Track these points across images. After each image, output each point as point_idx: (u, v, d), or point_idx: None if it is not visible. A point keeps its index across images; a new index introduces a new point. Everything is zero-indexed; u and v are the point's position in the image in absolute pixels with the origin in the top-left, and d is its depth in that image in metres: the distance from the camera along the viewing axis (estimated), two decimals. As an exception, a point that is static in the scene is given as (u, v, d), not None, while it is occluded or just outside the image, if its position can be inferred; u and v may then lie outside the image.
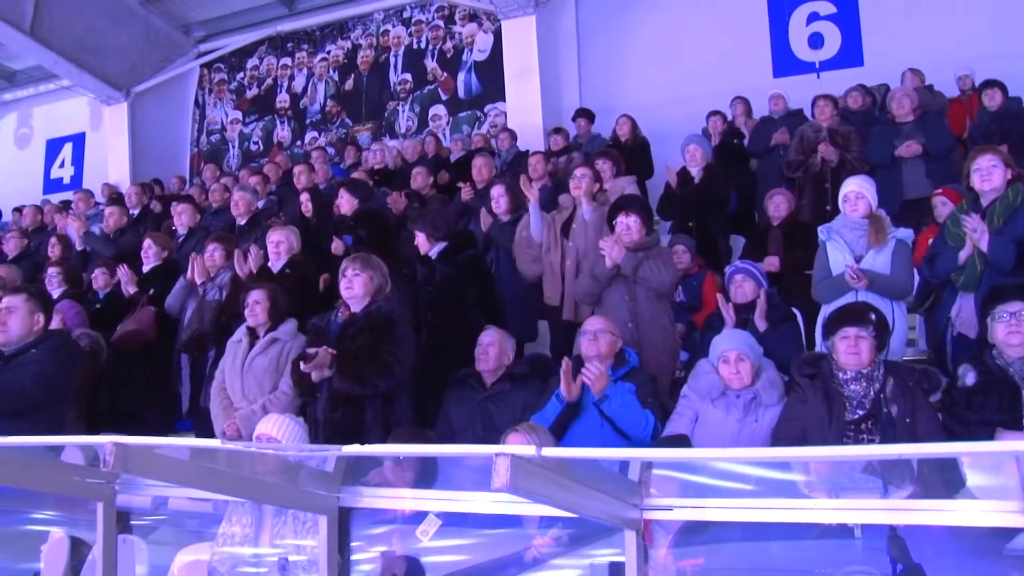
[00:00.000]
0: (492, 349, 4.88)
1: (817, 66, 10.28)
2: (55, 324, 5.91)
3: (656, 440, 4.20)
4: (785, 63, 10.79)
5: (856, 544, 2.89)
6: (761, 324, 5.02)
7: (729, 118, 9.41)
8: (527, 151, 9.30)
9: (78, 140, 15.85)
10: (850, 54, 10.55)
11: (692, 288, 6.38)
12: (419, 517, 3.33)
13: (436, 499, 3.21)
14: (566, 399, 4.32)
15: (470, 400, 4.78)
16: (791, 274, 6.05)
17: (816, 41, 10.68)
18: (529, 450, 1.88)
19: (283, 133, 14.19)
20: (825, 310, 4.97)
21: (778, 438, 4.04)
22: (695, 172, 7.38)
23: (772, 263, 6.23)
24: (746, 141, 8.89)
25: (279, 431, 3.95)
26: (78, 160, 15.82)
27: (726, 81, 10.13)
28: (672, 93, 10.77)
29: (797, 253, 6.08)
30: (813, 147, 7.27)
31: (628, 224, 5.29)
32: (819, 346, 4.83)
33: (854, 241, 5.10)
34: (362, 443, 3.00)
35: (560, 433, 4.24)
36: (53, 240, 8.98)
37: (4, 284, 6.48)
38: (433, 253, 5.83)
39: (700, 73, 10.74)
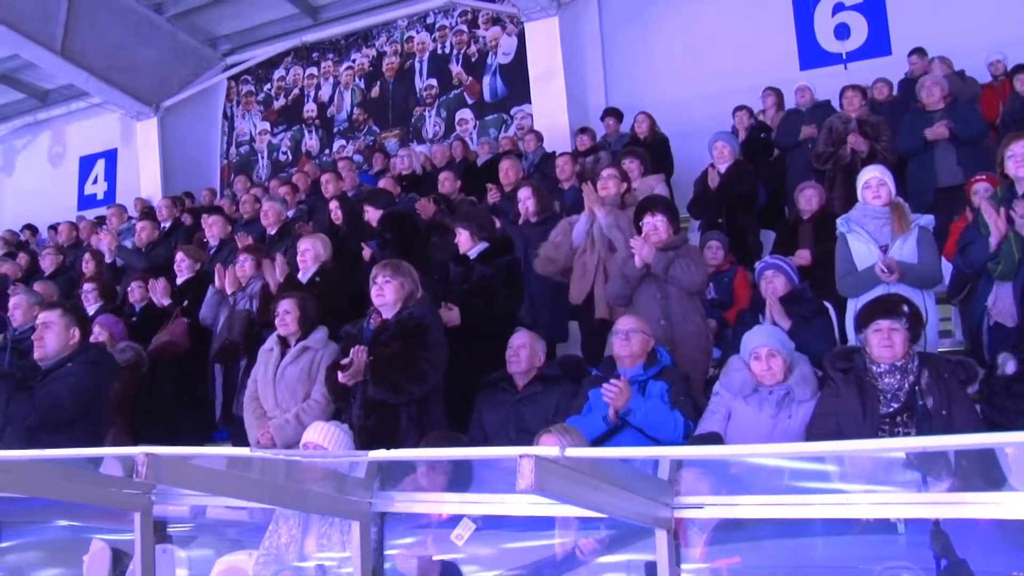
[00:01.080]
0: (523, 351, 4.88)
1: (844, 57, 10.18)
2: (101, 338, 6.02)
3: (691, 439, 4.17)
4: (811, 55, 10.68)
5: (899, 539, 2.86)
6: (783, 322, 4.96)
7: (755, 112, 9.33)
8: (554, 152, 9.29)
9: (110, 156, 16.02)
10: (877, 43, 10.40)
11: (723, 284, 6.35)
12: (454, 521, 3.34)
13: (470, 502, 3.21)
14: (612, 423, 4.29)
15: (502, 403, 4.78)
16: (822, 267, 5.98)
17: (842, 32, 10.55)
18: (553, 451, 1.88)
19: (311, 142, 14.28)
20: (855, 303, 4.91)
21: (812, 433, 4.01)
22: (723, 168, 7.33)
23: (803, 257, 6.17)
24: (773, 135, 8.82)
25: (326, 439, 3.97)
26: (111, 176, 16.01)
27: (752, 75, 10.03)
28: (698, 89, 10.71)
29: (828, 246, 6.00)
30: (842, 138, 7.18)
31: (655, 224, 5.27)
32: (851, 339, 4.78)
33: (877, 231, 4.99)
34: (397, 448, 3.01)
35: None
36: (87, 256, 9.12)
37: (41, 300, 6.58)
38: (473, 253, 5.84)
39: (726, 68, 10.65)
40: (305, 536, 3.64)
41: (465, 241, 5.90)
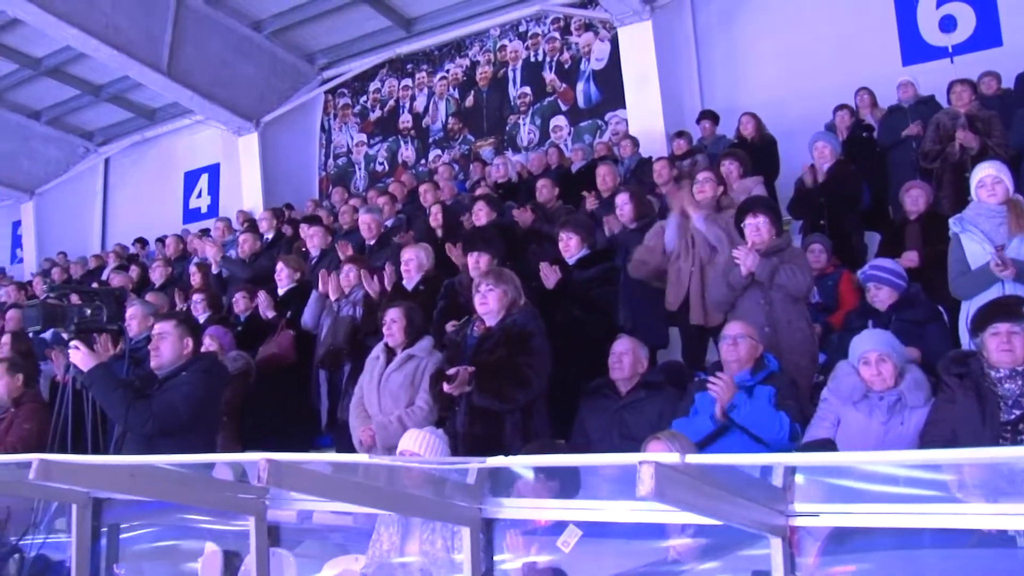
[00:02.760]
0: (626, 357, 4.87)
1: (950, 50, 9.83)
2: (212, 348, 6.21)
3: (802, 444, 4.10)
4: (914, 50, 10.33)
5: (1018, 554, 2.76)
6: None
7: (856, 110, 9.11)
8: (650, 158, 9.24)
9: (213, 171, 16.49)
10: (987, 34, 10.00)
11: (828, 288, 6.21)
12: (558, 527, 3.34)
13: (576, 508, 3.21)
14: (720, 421, 4.27)
15: (605, 409, 4.77)
16: (932, 269, 5.81)
17: (948, 24, 10.18)
18: (673, 457, 1.87)
19: (407, 152, 14.46)
20: (969, 305, 4.75)
21: (927, 441, 3.89)
22: (824, 169, 7.18)
23: (911, 259, 6.00)
24: (875, 133, 8.60)
25: (421, 446, 4.02)
26: (213, 189, 16.49)
27: (852, 72, 9.75)
28: (796, 88, 10.48)
29: (938, 247, 5.82)
30: (950, 135, 6.96)
31: (757, 225, 5.19)
32: (965, 344, 4.63)
33: (992, 230, 4.82)
34: (503, 455, 3.03)
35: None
36: (193, 268, 9.42)
37: (156, 311, 6.82)
38: (572, 259, 5.85)
39: (824, 66, 10.40)
40: (406, 543, 3.68)
41: (575, 246, 5.91)
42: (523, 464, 3.12)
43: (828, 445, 3.95)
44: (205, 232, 12.59)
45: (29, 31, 13.40)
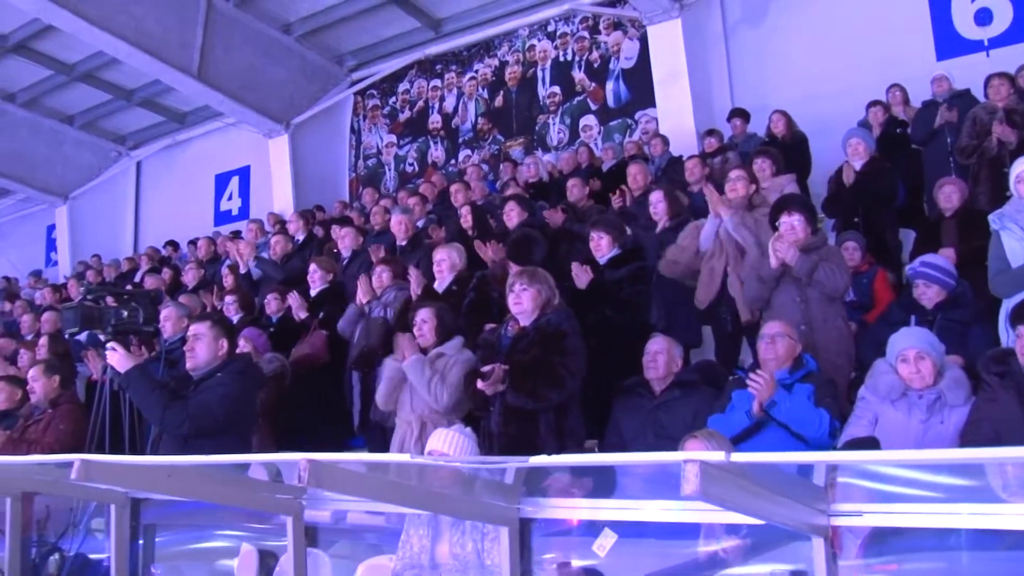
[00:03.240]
0: (661, 356, 4.84)
1: (986, 44, 9.70)
2: (246, 349, 6.25)
3: (843, 443, 4.05)
4: (949, 44, 10.16)
5: (1064, 555, 2.71)
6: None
7: (890, 107, 9.01)
8: (680, 156, 9.20)
9: (243, 173, 16.61)
10: (1024, 27, 9.87)
11: (863, 286, 6.15)
12: (593, 528, 3.32)
13: (613, 508, 3.20)
14: (756, 416, 4.24)
15: (640, 409, 4.75)
16: (970, 266, 5.73)
17: (984, 17, 10.01)
18: (718, 456, 1.85)
19: (437, 153, 14.49)
20: (1008, 304, 4.67)
21: (968, 440, 3.83)
22: (858, 166, 7.11)
23: (948, 256, 5.92)
24: (909, 129, 8.49)
25: (450, 446, 4.02)
26: (244, 192, 16.60)
27: (885, 68, 9.64)
28: (827, 85, 10.32)
29: (975, 243, 5.74)
30: (987, 130, 6.86)
31: (792, 223, 5.15)
32: (1004, 341, 4.56)
33: (1033, 227, 4.73)
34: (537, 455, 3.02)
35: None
36: (225, 270, 9.49)
37: (190, 313, 6.87)
38: (604, 259, 5.84)
39: (856, 62, 10.26)
40: (436, 545, 3.68)
41: (607, 246, 5.89)
42: (565, 464, 3.10)
43: (871, 443, 3.90)
44: (236, 234, 12.67)
45: (63, 37, 13.54)
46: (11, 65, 15.28)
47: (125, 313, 5.14)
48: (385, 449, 5.48)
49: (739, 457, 1.92)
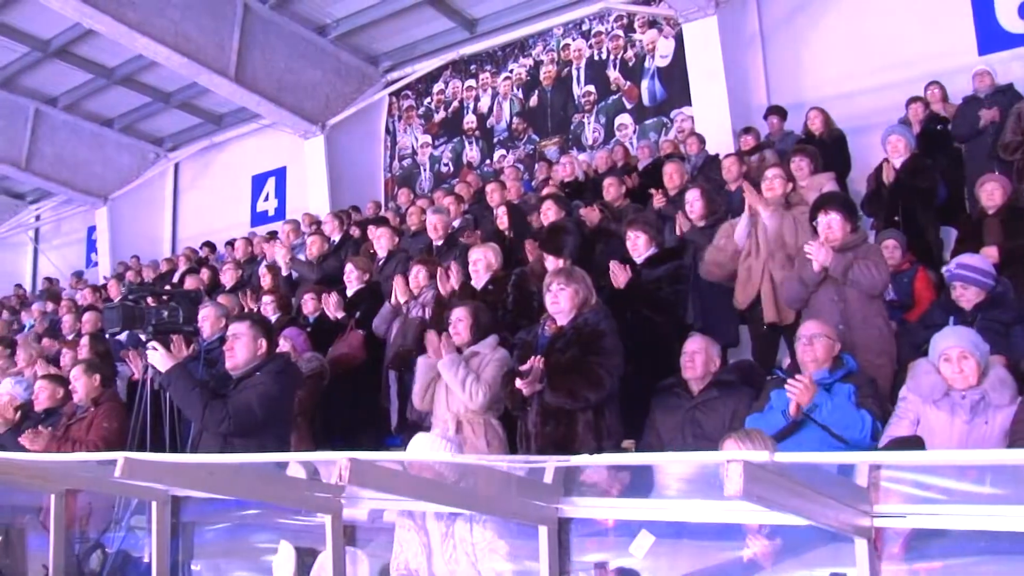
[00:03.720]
0: (699, 356, 4.81)
1: (1031, 36, 9.51)
2: (285, 349, 6.30)
3: (886, 443, 4.00)
4: (992, 38, 9.94)
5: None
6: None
7: (929, 104, 8.89)
8: (717, 155, 9.14)
9: (280, 174, 16.75)
10: (1070, 20, 9.63)
11: (903, 285, 6.07)
12: (629, 528, 3.31)
13: (651, 508, 3.18)
14: (792, 416, 4.19)
15: (678, 408, 4.72)
16: (1014, 264, 5.65)
17: (1028, 9, 9.87)
18: (762, 456, 1.84)
19: (472, 153, 14.50)
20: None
21: (1015, 441, 3.77)
22: (898, 163, 7.02)
23: (990, 254, 5.82)
24: (950, 126, 8.37)
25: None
26: (280, 193, 16.73)
27: (924, 63, 9.52)
28: (866, 81, 10.22)
29: (1019, 241, 5.67)
30: (1033, 125, 6.76)
31: (829, 222, 5.10)
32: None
33: (1077, 224, 4.68)
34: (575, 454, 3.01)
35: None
36: (263, 270, 9.56)
37: (228, 313, 6.93)
38: (642, 258, 5.82)
39: (895, 58, 10.11)
40: (430, 562, 3.69)
41: (645, 245, 5.87)
42: (606, 463, 3.09)
43: (915, 443, 3.84)
44: (273, 235, 12.77)
45: (103, 41, 13.75)
46: (53, 70, 15.57)
47: (165, 313, 5.19)
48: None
49: (782, 457, 1.90)
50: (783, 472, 1.97)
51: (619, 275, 5.61)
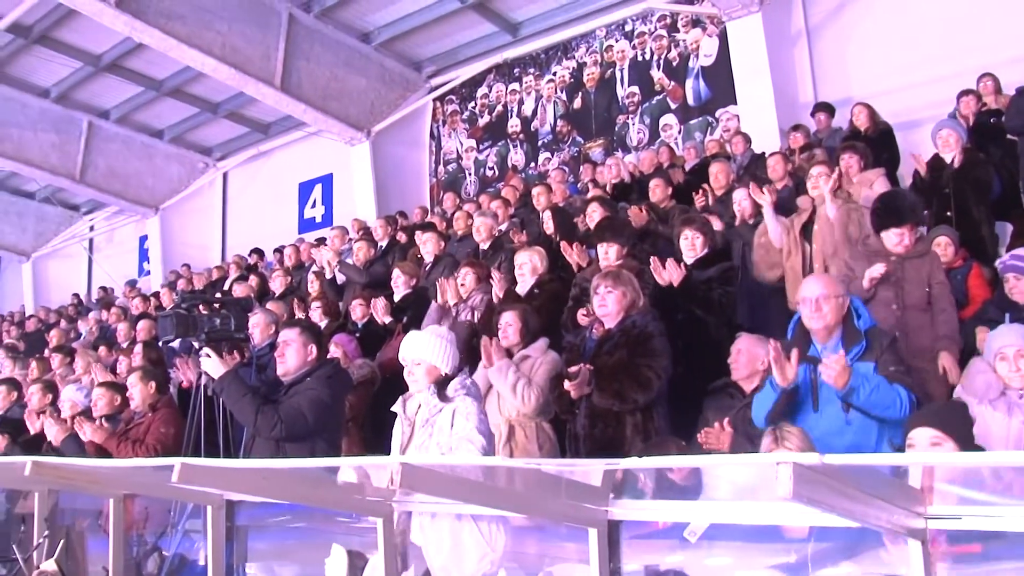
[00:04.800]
0: (742, 356, 4.76)
1: (1093, 23, 9.25)
2: (337, 355, 6.36)
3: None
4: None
5: None
6: None
7: (981, 96, 8.70)
8: (763, 153, 9.06)
9: (326, 181, 16.93)
10: None
11: (956, 283, 5.93)
12: (677, 529, 3.29)
13: (700, 510, 3.16)
14: (781, 386, 3.99)
15: (729, 409, 4.68)
16: (1073, 259, 5.52)
17: (1086, -4, 9.59)
18: (812, 457, 1.82)
19: (517, 157, 14.55)
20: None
21: (1075, 441, 3.71)
22: (950, 158, 6.90)
23: (1048, 249, 5.72)
24: (1003, 118, 8.18)
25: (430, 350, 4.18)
26: (327, 199, 16.92)
27: (976, 54, 9.28)
28: (915, 75, 10.04)
29: (1077, 235, 5.55)
30: (1093, 116, 6.60)
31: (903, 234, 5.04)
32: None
33: None
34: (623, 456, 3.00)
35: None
36: (311, 277, 9.65)
37: (278, 319, 7.01)
38: (694, 259, 5.80)
39: (945, 50, 9.91)
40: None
41: (701, 246, 5.83)
42: (655, 466, 3.08)
43: (960, 409, 3.69)
44: (321, 241, 12.89)
45: (151, 55, 14.04)
46: (104, 83, 15.93)
47: (218, 321, 5.27)
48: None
49: (832, 459, 1.88)
50: (833, 474, 1.95)
51: (674, 273, 5.51)
